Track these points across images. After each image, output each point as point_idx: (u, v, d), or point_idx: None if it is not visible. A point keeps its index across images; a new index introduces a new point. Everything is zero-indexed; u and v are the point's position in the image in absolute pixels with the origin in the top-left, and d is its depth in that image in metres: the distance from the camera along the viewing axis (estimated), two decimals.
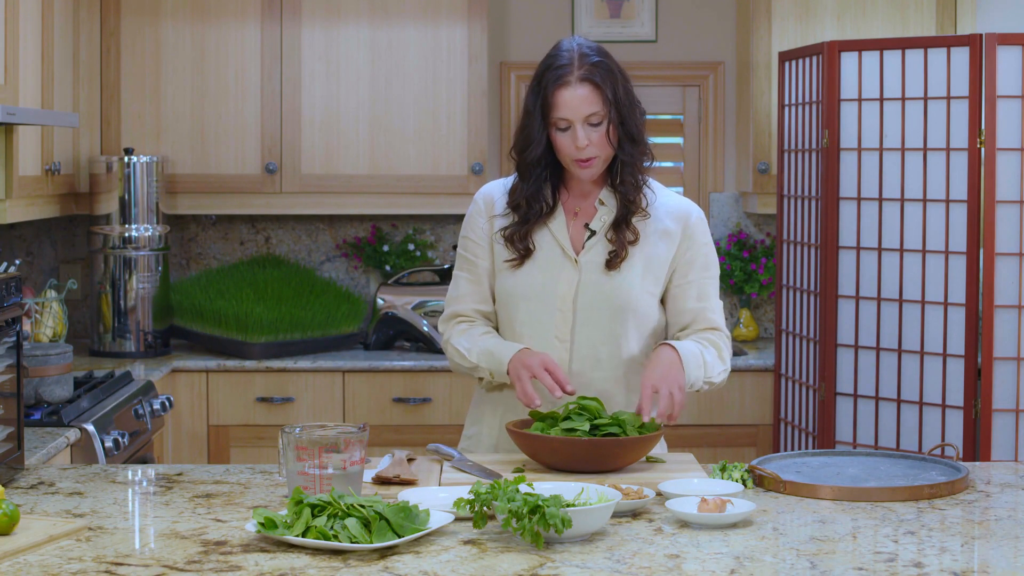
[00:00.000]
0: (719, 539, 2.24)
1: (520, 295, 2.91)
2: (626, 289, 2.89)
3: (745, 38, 5.08)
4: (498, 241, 2.95)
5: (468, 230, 3.01)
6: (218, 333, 4.72)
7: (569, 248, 2.91)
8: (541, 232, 2.92)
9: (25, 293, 4.34)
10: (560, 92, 2.83)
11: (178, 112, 4.86)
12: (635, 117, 2.87)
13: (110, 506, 2.47)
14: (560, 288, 2.90)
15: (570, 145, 2.84)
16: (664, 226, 2.94)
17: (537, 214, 2.90)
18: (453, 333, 2.98)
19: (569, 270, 2.90)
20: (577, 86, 2.82)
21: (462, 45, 4.89)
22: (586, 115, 2.82)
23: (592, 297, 2.90)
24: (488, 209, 2.98)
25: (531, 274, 2.91)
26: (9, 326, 2.73)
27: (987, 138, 4.01)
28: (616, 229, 2.91)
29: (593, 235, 2.92)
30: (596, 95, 2.83)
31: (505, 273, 2.93)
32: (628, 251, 2.90)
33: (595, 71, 2.83)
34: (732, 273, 5.20)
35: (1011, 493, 2.59)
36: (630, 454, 2.67)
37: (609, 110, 2.83)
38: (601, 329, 2.91)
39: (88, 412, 3.59)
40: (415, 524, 2.20)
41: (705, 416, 4.72)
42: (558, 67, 2.84)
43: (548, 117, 2.85)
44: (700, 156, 5.32)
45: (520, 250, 2.91)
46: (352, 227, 5.26)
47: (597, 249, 2.91)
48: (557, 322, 2.90)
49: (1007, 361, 4.05)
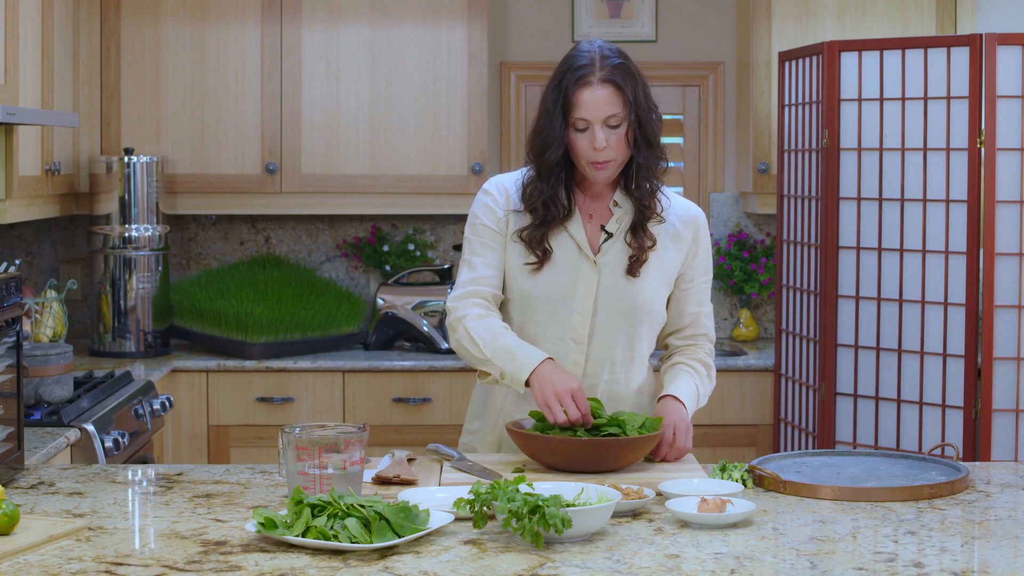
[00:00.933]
0: (719, 539, 2.24)
1: (538, 297, 2.89)
2: (644, 293, 2.90)
3: (745, 38, 5.08)
4: (514, 240, 2.91)
5: (485, 218, 2.94)
6: (218, 333, 4.72)
7: (588, 249, 2.89)
8: (558, 234, 2.90)
9: (25, 293, 4.34)
10: (581, 92, 2.82)
11: (178, 112, 4.86)
12: (652, 121, 2.87)
13: (110, 506, 2.47)
14: (579, 290, 2.89)
15: (588, 147, 2.83)
16: (676, 230, 2.95)
17: (555, 217, 2.88)
18: (469, 314, 2.87)
19: (588, 272, 2.89)
20: (598, 87, 2.81)
21: (462, 45, 4.89)
22: (606, 116, 2.81)
23: (612, 300, 2.89)
24: (506, 202, 2.93)
25: (551, 276, 2.89)
26: (9, 326, 2.73)
27: (987, 138, 4.01)
28: (634, 234, 2.90)
29: (610, 237, 2.91)
30: (617, 97, 2.82)
31: (523, 276, 2.90)
32: (648, 256, 2.90)
33: (616, 72, 2.83)
34: (732, 273, 5.20)
35: (1011, 493, 2.59)
36: (630, 454, 2.67)
37: (629, 113, 2.83)
38: (617, 331, 2.91)
39: (88, 412, 3.59)
40: (415, 524, 2.20)
41: (705, 416, 4.72)
42: (579, 67, 2.83)
43: (568, 117, 2.84)
44: (700, 156, 5.31)
45: (539, 254, 2.88)
46: (352, 227, 5.26)
47: (614, 251, 2.91)
48: (575, 324, 2.89)
49: (1007, 361, 4.05)
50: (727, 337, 5.29)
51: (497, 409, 2.99)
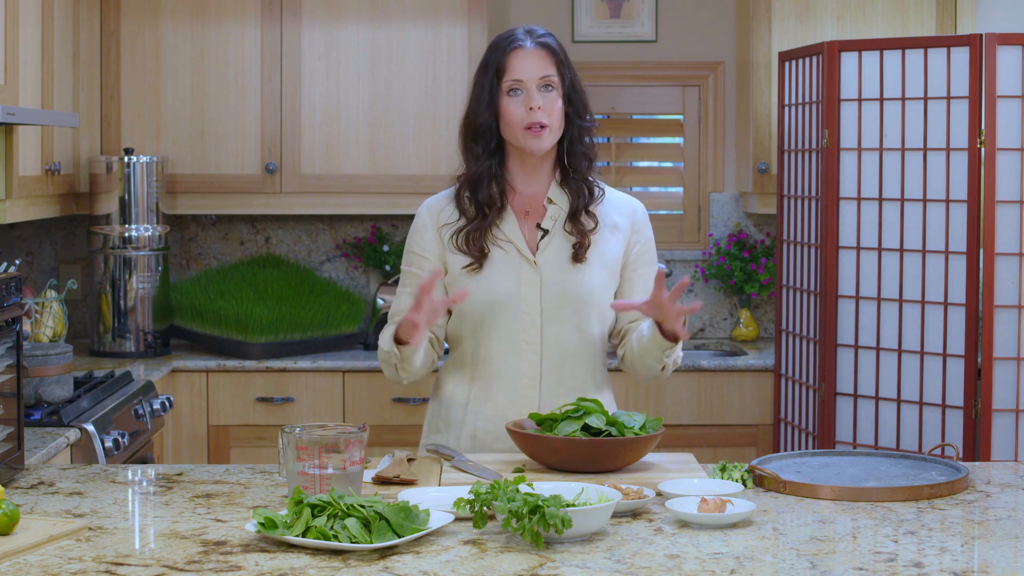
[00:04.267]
0: (719, 539, 2.24)
1: (482, 301, 2.89)
2: (589, 285, 2.91)
3: (745, 38, 5.08)
4: (451, 250, 2.93)
5: (413, 244, 2.98)
6: (218, 333, 4.72)
7: (525, 249, 2.91)
8: (494, 235, 2.91)
9: (25, 293, 4.34)
10: (514, 54, 2.88)
11: (178, 112, 4.86)
12: (583, 92, 2.93)
13: (110, 506, 2.47)
14: (523, 291, 2.90)
15: (522, 110, 2.85)
16: (613, 221, 2.97)
17: (487, 213, 2.90)
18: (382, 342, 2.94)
19: (529, 273, 2.90)
20: (531, 50, 2.89)
21: (462, 45, 4.89)
22: (540, 76, 2.86)
23: (556, 296, 2.90)
24: (434, 220, 2.96)
25: (491, 279, 2.90)
26: (9, 326, 2.72)
27: (987, 138, 4.01)
28: (573, 221, 2.92)
29: (546, 234, 2.92)
30: (550, 59, 2.89)
31: (463, 280, 2.91)
32: (591, 239, 2.90)
33: (548, 38, 2.92)
34: (732, 273, 5.20)
35: (1011, 493, 2.59)
36: (630, 454, 2.67)
37: (563, 78, 2.88)
38: (568, 326, 2.91)
39: (88, 412, 3.59)
40: (415, 524, 2.20)
41: (705, 416, 4.72)
42: (510, 37, 2.92)
43: (500, 85, 2.88)
44: (700, 156, 5.32)
45: (475, 253, 2.90)
46: (352, 227, 5.26)
47: (553, 247, 2.92)
48: (524, 325, 2.90)
49: (1007, 361, 4.05)
50: (727, 337, 5.29)
51: (453, 423, 2.99)
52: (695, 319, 5.31)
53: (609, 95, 5.28)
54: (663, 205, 5.37)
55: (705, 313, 5.32)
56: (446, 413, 3.00)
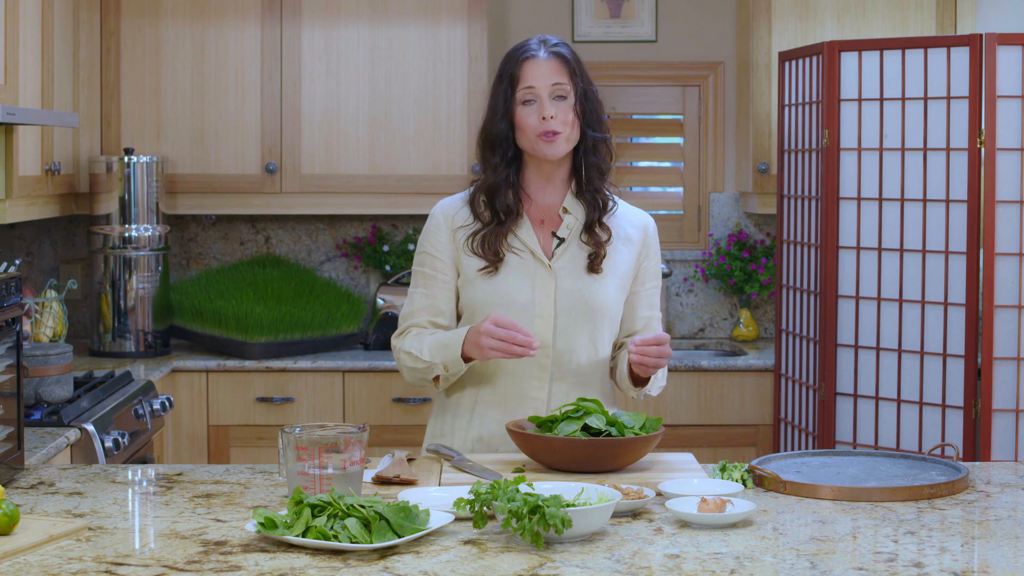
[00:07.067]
0: (719, 539, 2.24)
1: (497, 303, 2.89)
2: (603, 294, 2.92)
3: (745, 38, 5.08)
4: (466, 252, 2.93)
5: (427, 245, 2.98)
6: (218, 333, 4.72)
7: (541, 254, 2.91)
8: (509, 240, 2.92)
9: (25, 293, 4.34)
10: (527, 63, 2.90)
11: (178, 112, 4.86)
12: (598, 102, 2.95)
13: (110, 506, 2.47)
14: (538, 295, 2.90)
15: (535, 118, 2.87)
16: (627, 233, 2.99)
17: (503, 219, 2.91)
18: (403, 341, 2.95)
19: (544, 276, 2.91)
20: (544, 59, 2.90)
21: (462, 45, 4.89)
22: (552, 83, 2.88)
23: (571, 303, 2.90)
24: (449, 223, 2.96)
25: (507, 281, 2.90)
26: (9, 326, 2.73)
27: (987, 138, 4.01)
28: (589, 232, 2.93)
29: (562, 242, 2.93)
30: (563, 67, 2.91)
31: (478, 283, 2.91)
32: (606, 250, 2.91)
33: (561, 48, 2.94)
34: (732, 273, 5.20)
35: (1011, 493, 2.59)
36: (630, 454, 2.67)
37: (575, 86, 2.90)
38: (580, 333, 2.91)
39: (88, 412, 3.59)
40: (415, 524, 2.20)
41: (705, 416, 4.72)
42: (523, 48, 2.93)
43: (515, 93, 2.88)
44: (700, 156, 5.32)
45: (491, 256, 2.90)
46: (352, 227, 5.26)
47: (568, 255, 2.93)
48: (538, 329, 2.89)
49: (1007, 361, 4.05)
50: (727, 337, 5.29)
51: (456, 425, 2.99)
52: (695, 319, 5.32)
53: (609, 95, 5.27)
54: (663, 205, 5.37)
55: (705, 313, 5.32)
56: (452, 416, 3.00)
